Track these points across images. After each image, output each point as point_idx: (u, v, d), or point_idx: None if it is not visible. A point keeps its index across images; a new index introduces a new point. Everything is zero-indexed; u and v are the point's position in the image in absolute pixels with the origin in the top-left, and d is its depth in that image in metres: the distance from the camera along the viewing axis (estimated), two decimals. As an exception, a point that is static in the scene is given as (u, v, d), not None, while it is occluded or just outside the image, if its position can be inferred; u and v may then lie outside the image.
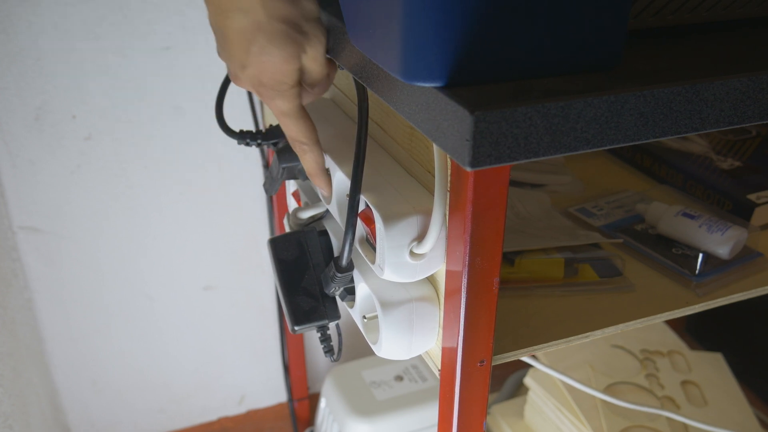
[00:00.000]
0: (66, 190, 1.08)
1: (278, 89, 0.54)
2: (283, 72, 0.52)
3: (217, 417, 1.39)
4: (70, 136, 1.05)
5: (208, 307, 1.27)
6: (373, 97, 0.58)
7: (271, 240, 0.65)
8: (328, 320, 0.63)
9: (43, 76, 1.00)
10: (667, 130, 0.41)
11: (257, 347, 1.35)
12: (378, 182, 0.54)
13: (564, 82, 0.39)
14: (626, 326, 0.61)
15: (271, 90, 0.54)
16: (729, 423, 1.03)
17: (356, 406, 1.15)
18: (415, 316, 0.54)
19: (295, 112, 0.55)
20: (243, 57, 0.52)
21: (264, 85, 0.54)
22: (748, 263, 0.70)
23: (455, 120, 0.36)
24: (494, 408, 1.21)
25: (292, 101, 0.55)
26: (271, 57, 0.51)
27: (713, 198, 0.80)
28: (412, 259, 0.51)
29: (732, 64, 0.44)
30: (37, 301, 1.15)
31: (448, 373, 0.52)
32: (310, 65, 0.54)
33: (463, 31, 0.37)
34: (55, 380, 1.22)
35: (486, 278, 0.47)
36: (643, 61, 0.44)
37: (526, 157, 0.37)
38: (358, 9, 0.43)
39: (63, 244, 1.12)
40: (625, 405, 0.92)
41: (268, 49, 0.51)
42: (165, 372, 1.30)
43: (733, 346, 1.41)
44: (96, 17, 0.99)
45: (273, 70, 0.52)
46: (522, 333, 0.59)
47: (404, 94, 0.42)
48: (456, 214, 0.47)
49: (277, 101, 0.55)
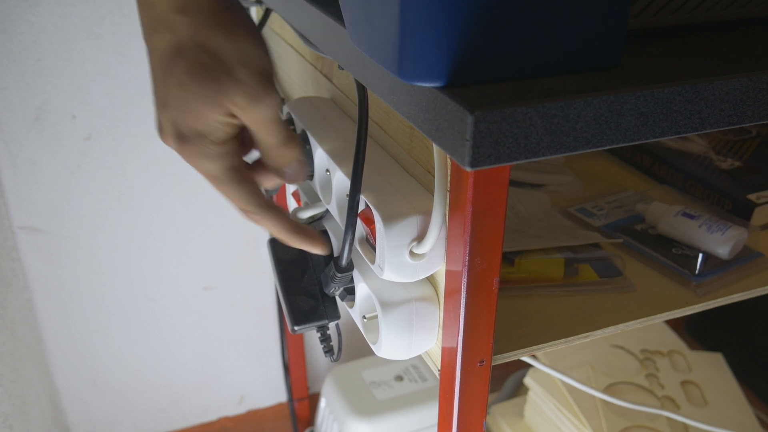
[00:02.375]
0: (66, 190, 1.08)
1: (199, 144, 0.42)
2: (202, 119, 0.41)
3: (217, 417, 1.39)
4: (70, 136, 1.05)
5: (208, 307, 1.27)
6: (373, 97, 0.58)
7: (271, 240, 0.65)
8: (328, 320, 0.63)
9: (43, 76, 1.00)
10: (667, 130, 0.41)
11: (257, 347, 1.35)
12: (378, 182, 0.54)
13: (564, 82, 0.39)
14: (626, 326, 0.61)
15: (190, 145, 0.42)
16: (729, 423, 1.03)
17: (356, 406, 1.15)
18: (415, 316, 0.54)
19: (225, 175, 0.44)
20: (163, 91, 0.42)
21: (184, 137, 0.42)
22: (748, 263, 0.70)
23: (455, 120, 0.36)
24: (494, 408, 1.21)
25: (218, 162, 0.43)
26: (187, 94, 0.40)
27: (713, 198, 0.80)
28: (412, 259, 0.51)
29: (732, 64, 0.44)
30: (37, 300, 1.15)
31: (448, 373, 0.52)
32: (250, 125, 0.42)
33: (463, 30, 0.37)
34: (55, 380, 1.22)
35: (486, 278, 0.47)
36: (643, 61, 0.44)
37: (526, 157, 0.37)
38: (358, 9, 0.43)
39: (63, 244, 1.12)
40: (625, 405, 0.92)
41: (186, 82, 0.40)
42: (165, 372, 1.30)
43: (733, 346, 1.41)
44: (96, 17, 0.99)
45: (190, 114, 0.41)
46: (522, 333, 0.59)
47: (404, 94, 0.42)
48: (456, 214, 0.47)
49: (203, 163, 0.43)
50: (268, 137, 0.44)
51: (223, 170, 0.44)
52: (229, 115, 0.42)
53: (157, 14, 0.41)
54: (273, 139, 0.44)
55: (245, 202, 0.46)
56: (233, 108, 0.41)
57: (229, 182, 0.45)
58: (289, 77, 0.86)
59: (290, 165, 0.46)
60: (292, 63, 0.83)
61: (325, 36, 0.54)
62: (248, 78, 0.41)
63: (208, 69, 0.40)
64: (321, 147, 0.61)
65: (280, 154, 0.45)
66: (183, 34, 0.40)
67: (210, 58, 0.40)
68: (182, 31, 0.40)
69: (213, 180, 0.45)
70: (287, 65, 0.85)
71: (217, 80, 0.40)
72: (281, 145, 0.45)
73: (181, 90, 0.41)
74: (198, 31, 0.40)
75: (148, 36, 0.42)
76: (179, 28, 0.40)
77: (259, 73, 0.41)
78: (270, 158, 0.46)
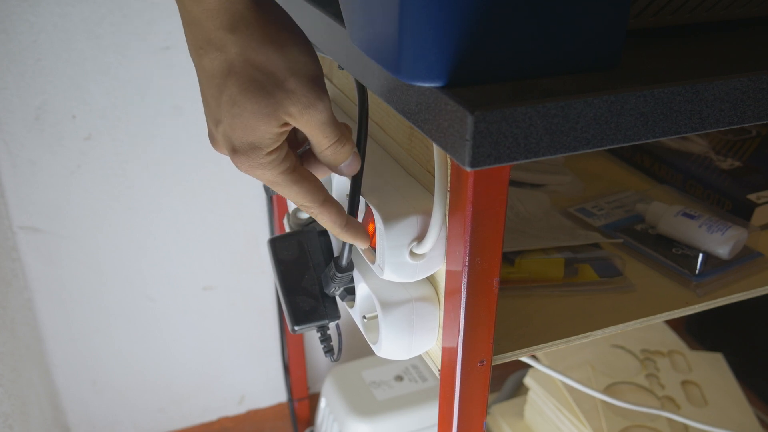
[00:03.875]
0: (66, 190, 1.08)
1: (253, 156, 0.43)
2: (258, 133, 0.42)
3: (217, 417, 1.39)
4: (70, 136, 1.05)
5: (208, 307, 1.27)
6: (373, 97, 0.58)
7: (271, 240, 0.65)
8: (328, 320, 0.63)
9: (43, 76, 1.00)
10: (667, 130, 0.41)
11: (257, 347, 1.35)
12: (378, 182, 0.54)
13: (564, 82, 0.39)
14: (626, 326, 0.61)
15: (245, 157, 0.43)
16: (729, 423, 1.03)
17: (356, 406, 1.15)
18: (415, 316, 0.54)
19: (281, 179, 0.45)
20: (215, 109, 0.43)
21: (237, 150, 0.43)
22: (748, 263, 0.70)
23: (455, 120, 0.36)
24: (494, 408, 1.21)
25: (273, 169, 0.44)
26: (241, 111, 0.41)
27: (713, 198, 0.80)
28: (412, 259, 0.51)
29: (732, 64, 0.44)
30: (37, 300, 1.15)
31: (448, 373, 0.52)
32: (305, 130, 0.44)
33: (463, 30, 0.37)
34: (55, 380, 1.22)
35: (486, 278, 0.47)
36: (643, 61, 0.44)
37: (526, 157, 0.37)
38: (358, 9, 0.43)
39: (63, 244, 1.12)
40: (625, 405, 0.92)
41: (239, 100, 0.41)
42: (165, 372, 1.30)
43: (733, 346, 1.41)
44: (96, 17, 0.99)
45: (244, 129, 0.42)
46: (522, 333, 0.59)
47: (404, 94, 0.42)
48: (456, 214, 0.47)
49: (257, 171, 0.44)
50: (323, 139, 0.45)
51: (278, 175, 0.45)
52: (283, 125, 0.43)
53: (206, 34, 0.41)
54: (327, 141, 0.45)
55: (305, 200, 0.47)
56: (287, 118, 0.42)
57: (287, 185, 0.46)
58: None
59: (345, 161, 0.47)
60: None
61: (325, 36, 0.54)
62: (299, 87, 0.42)
63: (261, 85, 0.41)
64: (321, 147, 0.61)
65: (335, 152, 0.46)
66: (233, 52, 0.41)
67: (261, 74, 0.41)
68: (232, 49, 0.41)
69: (272, 185, 0.46)
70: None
71: (271, 94, 0.41)
72: (335, 144, 0.46)
73: (234, 107, 0.41)
74: (247, 49, 0.41)
75: (196, 55, 0.42)
76: (228, 46, 0.41)
77: (309, 79, 0.42)
78: (325, 157, 0.47)
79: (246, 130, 0.42)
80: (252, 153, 0.43)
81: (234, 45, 0.41)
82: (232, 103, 0.42)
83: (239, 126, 0.42)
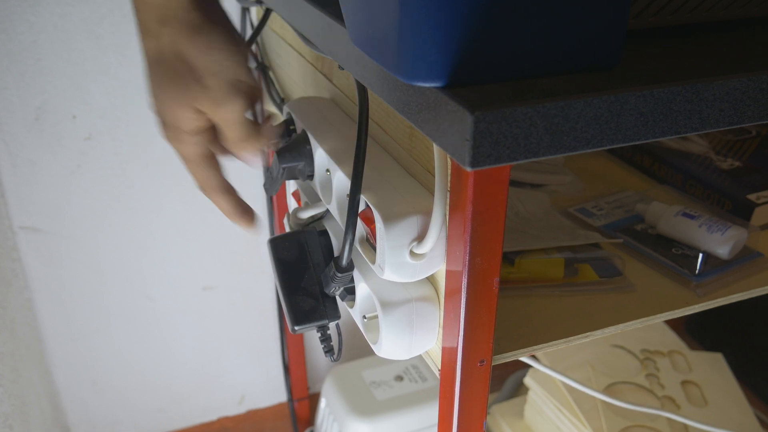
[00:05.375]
0: (66, 190, 1.08)
1: (174, 131, 0.51)
2: (176, 115, 0.49)
3: (217, 417, 1.39)
4: (70, 136, 1.05)
5: (208, 307, 1.27)
6: (373, 97, 0.58)
7: (271, 240, 0.65)
8: (328, 320, 0.63)
9: (43, 76, 1.00)
10: (667, 130, 0.41)
11: (257, 347, 1.35)
12: (378, 182, 0.54)
13: (564, 82, 0.39)
14: (626, 326, 0.61)
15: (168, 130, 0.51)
16: (729, 423, 1.03)
17: (356, 406, 1.15)
18: (415, 316, 0.54)
19: (194, 158, 0.53)
20: (150, 86, 0.50)
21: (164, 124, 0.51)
22: (748, 263, 0.70)
23: (455, 120, 0.36)
24: (494, 408, 1.21)
25: (189, 147, 0.52)
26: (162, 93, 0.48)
27: (713, 198, 0.80)
28: (412, 259, 0.51)
29: (732, 64, 0.44)
30: (37, 300, 1.15)
31: (448, 373, 0.52)
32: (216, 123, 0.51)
33: (463, 30, 0.37)
34: (55, 380, 1.22)
35: (486, 278, 0.47)
36: (643, 61, 0.44)
37: (526, 157, 0.37)
38: (358, 9, 0.43)
39: (63, 244, 1.12)
40: (625, 405, 0.92)
41: (163, 84, 0.48)
42: (165, 372, 1.30)
43: (733, 346, 1.41)
44: (96, 17, 0.99)
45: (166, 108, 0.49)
46: (522, 333, 0.59)
47: (404, 94, 0.42)
48: (456, 214, 0.47)
49: (175, 144, 0.52)
50: (229, 133, 0.52)
51: (192, 154, 0.52)
52: (197, 113, 0.50)
53: (145, 22, 0.48)
54: (233, 136, 0.52)
55: (206, 184, 0.55)
56: (201, 108, 0.49)
57: (197, 165, 0.54)
58: (289, 77, 0.86)
59: (245, 156, 0.55)
60: (292, 63, 0.83)
61: (325, 36, 0.54)
62: (215, 85, 0.48)
63: (181, 76, 0.48)
64: (321, 147, 0.61)
65: (236, 147, 0.54)
66: (164, 42, 0.47)
67: (184, 67, 0.47)
68: (164, 39, 0.47)
69: (184, 160, 0.53)
70: (287, 65, 0.85)
71: (188, 87, 0.48)
72: (240, 141, 0.53)
73: (159, 89, 0.49)
74: (176, 42, 0.47)
75: (140, 38, 0.49)
76: (161, 36, 0.47)
77: (226, 81, 0.49)
78: (230, 148, 0.55)
79: (168, 110, 0.49)
80: (174, 129, 0.50)
81: (166, 36, 0.47)
82: (159, 85, 0.49)
83: (164, 105, 0.49)
